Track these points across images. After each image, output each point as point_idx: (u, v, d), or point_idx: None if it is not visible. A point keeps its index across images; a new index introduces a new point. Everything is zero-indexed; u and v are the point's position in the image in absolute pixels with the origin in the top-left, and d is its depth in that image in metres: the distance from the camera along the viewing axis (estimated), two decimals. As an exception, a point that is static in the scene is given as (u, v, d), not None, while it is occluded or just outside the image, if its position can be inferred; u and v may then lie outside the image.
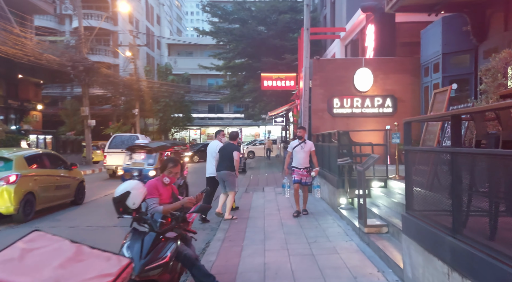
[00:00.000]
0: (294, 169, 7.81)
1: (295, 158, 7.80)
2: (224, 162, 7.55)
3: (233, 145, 7.76)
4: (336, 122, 11.88)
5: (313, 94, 12.01)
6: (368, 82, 11.78)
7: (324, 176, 9.38)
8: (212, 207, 3.70)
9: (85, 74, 23.56)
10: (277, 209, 8.65)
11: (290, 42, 21.03)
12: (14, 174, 7.84)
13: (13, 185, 7.70)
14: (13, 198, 7.62)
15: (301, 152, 7.76)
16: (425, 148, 5.01)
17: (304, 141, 7.81)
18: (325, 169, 9.21)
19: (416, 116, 10.07)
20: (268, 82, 17.63)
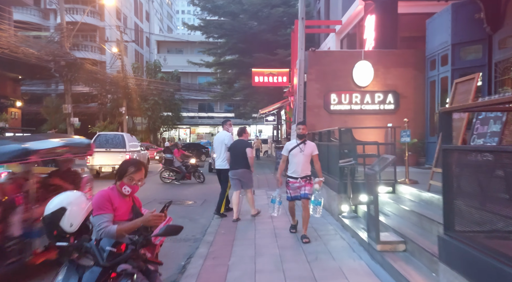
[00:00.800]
0: (289, 180, 5.93)
1: (292, 164, 5.92)
2: (238, 159, 7.31)
3: (244, 142, 7.54)
4: (333, 120, 10.96)
5: (309, 89, 11.07)
6: (368, 76, 10.87)
7: (327, 183, 8.42)
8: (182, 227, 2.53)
9: (68, 70, 22.36)
10: (270, 217, 7.67)
11: (283, 37, 20.10)
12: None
13: None
14: None
15: (300, 156, 5.87)
16: (483, 147, 3.95)
17: (305, 142, 5.92)
18: (324, 172, 8.25)
19: (460, 105, 9.17)
20: (260, 78, 16.67)
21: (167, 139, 44.15)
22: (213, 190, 12.59)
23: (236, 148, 7.37)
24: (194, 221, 8.20)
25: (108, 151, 16.81)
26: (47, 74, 22.44)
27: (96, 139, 17.37)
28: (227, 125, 8.08)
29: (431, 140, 10.02)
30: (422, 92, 10.65)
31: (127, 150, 16.85)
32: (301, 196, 5.86)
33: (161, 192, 12.68)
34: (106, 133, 18.63)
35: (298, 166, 5.89)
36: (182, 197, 11.41)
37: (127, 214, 2.93)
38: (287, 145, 6.11)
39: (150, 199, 11.00)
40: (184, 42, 47.04)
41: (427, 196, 5.49)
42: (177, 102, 41.80)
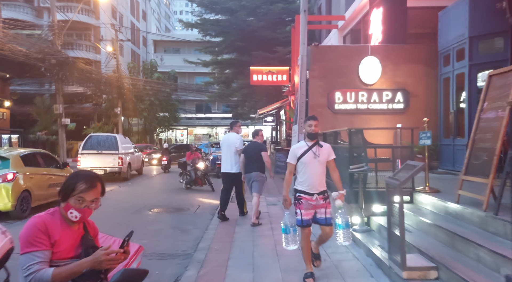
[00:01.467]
0: (301, 196, 4.18)
1: (303, 175, 4.20)
2: (253, 163, 7.09)
3: (260, 144, 7.33)
4: (338, 120, 10.15)
5: (311, 87, 10.27)
6: (376, 73, 10.07)
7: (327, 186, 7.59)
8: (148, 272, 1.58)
9: (59, 68, 21.51)
10: (270, 229, 6.85)
11: (283, 34, 19.31)
12: (12, 172, 8.21)
13: (11, 183, 8.07)
14: (10, 195, 7.99)
15: (315, 165, 4.17)
16: None
17: (318, 143, 4.28)
18: (328, 178, 7.43)
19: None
20: (258, 77, 15.87)
21: (163, 141, 43.34)
22: (208, 196, 11.76)
23: (251, 151, 7.14)
24: (186, 232, 7.38)
25: (100, 153, 16.17)
26: (37, 72, 21.60)
27: (87, 140, 16.79)
28: (236, 126, 7.74)
29: (444, 142, 9.23)
30: (434, 90, 9.85)
31: (119, 152, 16.24)
32: (322, 222, 4.17)
33: (152, 198, 11.85)
34: (98, 135, 18.11)
35: (313, 178, 4.15)
36: (175, 203, 10.58)
37: (73, 249, 2.10)
38: (294, 149, 4.30)
39: (139, 206, 10.17)
40: (182, 41, 46.23)
41: (456, 209, 4.68)
42: (174, 102, 40.97)
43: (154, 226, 7.91)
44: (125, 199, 11.70)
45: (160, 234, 7.21)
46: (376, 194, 5.79)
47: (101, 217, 8.91)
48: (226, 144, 7.58)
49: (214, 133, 47.19)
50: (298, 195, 4.20)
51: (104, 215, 9.01)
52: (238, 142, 7.44)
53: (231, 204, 8.67)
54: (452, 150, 8.70)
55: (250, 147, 7.28)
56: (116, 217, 8.83)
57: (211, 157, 17.78)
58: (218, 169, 17.23)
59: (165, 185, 15.67)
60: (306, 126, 4.28)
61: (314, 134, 4.24)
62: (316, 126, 4.24)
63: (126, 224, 8.08)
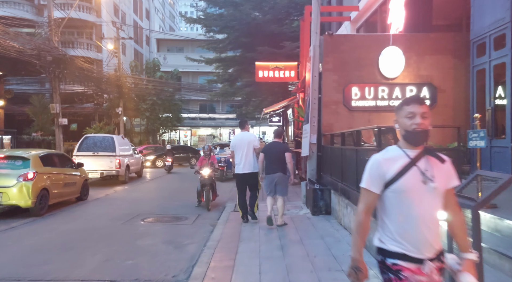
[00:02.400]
0: (400, 267, 1.93)
1: (400, 217, 1.97)
2: (275, 164, 6.87)
3: (282, 145, 7.17)
4: (354, 118, 9.04)
5: (325, 82, 9.15)
6: (398, 65, 8.94)
7: (346, 195, 6.46)
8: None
9: (55, 66, 20.54)
10: (280, 247, 5.73)
11: (290, 29, 18.19)
12: (32, 171, 8.70)
13: (31, 182, 8.55)
14: (31, 193, 8.48)
15: (426, 197, 1.94)
16: None
17: (432, 153, 2.01)
18: (350, 186, 6.30)
19: None
20: (264, 73, 14.76)
21: (166, 142, 42.32)
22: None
23: (273, 151, 6.91)
24: (181, 248, 6.29)
25: (96, 155, 15.22)
26: (32, 70, 20.61)
27: (82, 141, 15.88)
28: (247, 125, 7.73)
29: (478, 144, 8.04)
30: (464, 84, 8.69)
31: (117, 154, 15.36)
32: None
33: (148, 204, 10.76)
34: (94, 135, 17.18)
35: (422, 226, 1.94)
36: (173, 210, 9.48)
37: None
38: (377, 162, 2.03)
39: (132, 214, 9.09)
40: (185, 40, 45.24)
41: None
42: (177, 102, 39.93)
43: (145, 240, 6.81)
44: (119, 206, 10.64)
45: (150, 251, 6.12)
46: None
47: (85, 228, 7.89)
48: (241, 144, 7.24)
49: (218, 134, 46.06)
50: (393, 263, 1.96)
51: (90, 226, 7.99)
52: (256, 141, 7.30)
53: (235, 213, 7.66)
54: (489, 152, 7.53)
55: (271, 147, 7.07)
56: (104, 228, 7.77)
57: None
58: (221, 172, 16.17)
59: (165, 189, 14.61)
60: (403, 117, 2.00)
61: (422, 134, 1.94)
62: (426, 117, 1.95)
63: (113, 237, 7.00)
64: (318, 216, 7.79)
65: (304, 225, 7.07)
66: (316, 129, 9.04)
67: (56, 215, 9.29)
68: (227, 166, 16.32)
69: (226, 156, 16.42)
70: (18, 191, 8.41)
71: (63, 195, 10.16)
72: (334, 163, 7.78)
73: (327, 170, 8.63)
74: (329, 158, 8.28)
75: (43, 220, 8.74)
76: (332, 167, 8.03)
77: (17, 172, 8.60)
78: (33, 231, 7.55)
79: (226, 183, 15.69)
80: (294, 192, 11.19)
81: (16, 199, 8.43)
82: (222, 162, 16.23)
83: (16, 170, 8.66)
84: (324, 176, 8.76)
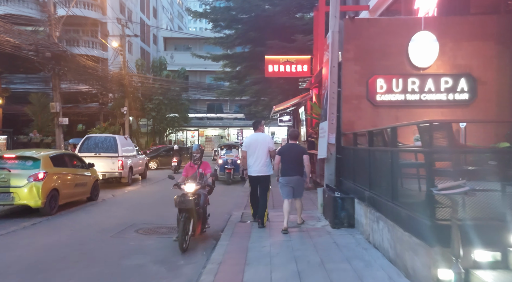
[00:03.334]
0: None
1: None
2: (292, 166, 6.70)
3: (300, 147, 7.06)
4: (379, 115, 7.82)
5: (345, 73, 7.94)
6: (431, 53, 7.69)
7: (377, 206, 5.25)
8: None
9: (55, 63, 19.62)
10: (296, 274, 4.55)
11: (302, 21, 17.00)
12: (42, 172, 8.76)
13: (41, 182, 8.63)
14: (41, 193, 8.56)
15: None
16: None
17: None
18: (382, 195, 5.10)
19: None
20: (274, 67, 13.60)
21: (173, 142, 41.38)
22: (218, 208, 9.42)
23: (291, 153, 6.74)
24: (175, 271, 5.16)
25: (98, 156, 14.53)
26: (30, 67, 19.71)
27: (84, 142, 15.25)
28: (261, 126, 7.49)
29: (530, 145, 6.77)
30: (510, 75, 7.43)
31: (119, 155, 14.69)
32: None
33: (145, 212, 9.66)
34: (96, 136, 16.51)
35: None
36: (172, 219, 8.29)
37: None
38: None
39: (126, 223, 7.99)
40: (192, 39, 44.23)
41: None
42: (184, 102, 38.95)
43: (133, 259, 5.69)
44: (113, 213, 9.58)
45: (136, 275, 5.01)
46: (480, 230, 3.45)
47: (68, 242, 6.73)
48: (255, 145, 7.04)
49: (226, 134, 44.94)
50: None
51: (74, 239, 6.88)
52: (271, 143, 7.17)
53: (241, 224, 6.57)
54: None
55: (289, 149, 6.87)
56: (89, 242, 6.68)
57: (220, 161, 15.59)
58: (228, 175, 15.06)
59: (167, 193, 13.47)
60: None
61: None
62: None
63: (96, 255, 5.89)
64: (339, 230, 6.60)
65: (324, 242, 5.88)
66: (335, 127, 7.84)
67: (42, 223, 8.25)
68: (235, 169, 15.20)
69: (233, 158, 15.30)
70: (28, 191, 8.50)
71: (74, 196, 10.26)
72: (359, 167, 6.59)
73: (348, 175, 7.43)
74: (352, 161, 7.09)
75: (24, 229, 7.70)
76: (355, 171, 6.83)
77: (27, 172, 8.70)
78: (5, 246, 6.46)
79: (233, 186, 14.57)
80: (309, 199, 10.00)
81: (27, 199, 8.52)
82: (229, 164, 15.12)
83: (26, 170, 8.76)
84: (345, 182, 7.55)
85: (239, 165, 15.33)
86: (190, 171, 6.60)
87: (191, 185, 6.08)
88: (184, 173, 6.67)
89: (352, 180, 7.04)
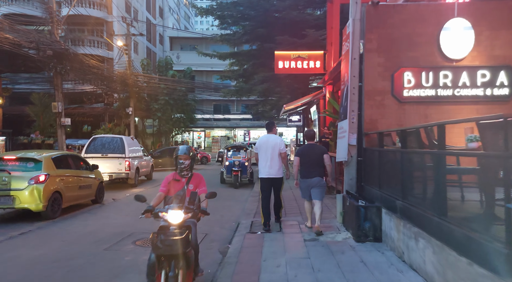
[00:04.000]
0: None
1: None
2: (312, 167, 6.54)
3: (319, 147, 6.86)
4: (406, 112, 6.97)
5: (367, 66, 7.09)
6: (465, 43, 6.82)
7: (415, 220, 4.38)
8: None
9: (57, 61, 18.98)
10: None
11: (313, 16, 16.16)
12: (43, 174, 8.46)
13: (42, 184, 8.32)
14: (42, 196, 8.25)
15: None
16: None
17: None
18: (422, 207, 4.23)
19: None
20: (285, 64, 12.76)
21: (179, 143, 40.72)
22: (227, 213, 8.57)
23: (310, 154, 6.59)
24: None
25: (105, 156, 14.33)
26: (32, 66, 19.07)
27: (90, 143, 15.05)
28: (274, 127, 7.23)
29: None
30: (557, 66, 6.53)
31: (126, 156, 14.54)
32: None
33: (146, 220, 8.81)
34: (103, 136, 16.39)
35: None
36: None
37: None
38: None
39: (123, 233, 7.20)
40: (199, 38, 43.56)
41: None
42: (190, 102, 38.26)
43: (125, 278, 4.89)
44: (112, 220, 8.81)
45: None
46: None
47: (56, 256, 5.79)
48: (266, 147, 6.86)
49: (233, 135, 44.14)
50: None
51: (64, 253, 6.09)
52: (283, 145, 6.98)
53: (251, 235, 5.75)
54: None
55: (308, 149, 6.68)
56: (79, 256, 5.88)
57: (226, 163, 14.77)
58: (235, 178, 14.24)
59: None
60: None
61: None
62: None
63: (84, 273, 5.09)
64: (364, 244, 5.74)
65: (349, 260, 5.02)
66: (356, 126, 7.00)
67: (32, 233, 7.50)
68: (242, 171, 14.38)
69: (240, 160, 14.48)
70: (29, 195, 8.19)
71: (78, 198, 10.00)
72: (387, 171, 5.73)
73: (372, 181, 6.57)
74: (377, 164, 6.23)
75: (10, 240, 6.95)
76: (382, 177, 5.97)
77: (28, 174, 8.38)
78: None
79: (241, 190, 13.74)
80: (324, 205, 9.14)
81: (28, 203, 8.19)
82: (236, 166, 14.30)
83: (27, 172, 8.45)
84: (368, 188, 6.70)
85: (247, 167, 14.64)
86: (174, 187, 4.21)
87: (176, 213, 3.57)
88: (162, 187, 4.24)
89: (377, 186, 6.18)
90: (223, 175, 14.97)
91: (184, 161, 4.16)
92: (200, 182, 4.25)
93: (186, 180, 4.21)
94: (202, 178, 4.30)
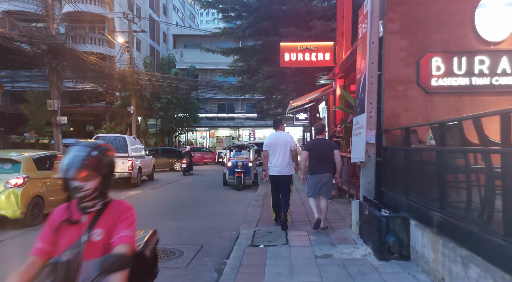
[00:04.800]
0: None
1: None
2: (323, 163, 6.36)
3: (329, 142, 6.96)
4: (434, 105, 5.95)
5: (388, 51, 6.06)
6: (505, 23, 5.78)
7: (461, 239, 3.37)
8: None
9: (52, 57, 18.15)
10: None
11: (320, 7, 15.16)
12: (22, 176, 7.77)
13: (21, 188, 7.61)
14: (20, 202, 7.50)
15: None
16: None
17: None
18: (477, 225, 3.22)
19: None
20: (291, 56, 11.74)
21: (182, 143, 39.88)
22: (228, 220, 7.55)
23: (320, 149, 6.42)
24: None
25: None
26: (26, 62, 18.23)
27: None
28: (282, 124, 7.23)
29: None
30: None
31: (129, 155, 14.46)
32: None
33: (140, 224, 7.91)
34: (105, 135, 16.31)
35: None
36: (167, 236, 6.53)
37: None
38: None
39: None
40: (203, 36, 42.58)
41: None
42: (194, 101, 37.38)
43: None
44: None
45: None
46: None
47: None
48: (276, 144, 6.77)
49: (238, 135, 43.13)
50: None
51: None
52: (293, 142, 6.89)
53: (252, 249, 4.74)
54: None
55: (318, 144, 6.58)
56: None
57: (229, 164, 13.82)
58: (238, 179, 13.28)
59: (170, 199, 11.82)
60: None
61: None
62: None
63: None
64: (389, 263, 4.72)
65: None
66: (375, 122, 5.98)
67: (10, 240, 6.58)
68: (245, 172, 13.40)
69: (244, 160, 13.53)
70: (5, 200, 7.41)
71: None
72: (417, 174, 4.72)
73: (395, 185, 5.55)
74: (401, 165, 5.20)
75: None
76: (409, 181, 4.95)
77: (5, 177, 7.64)
78: None
79: (244, 192, 12.77)
80: (335, 211, 8.14)
81: (4, 209, 7.40)
82: (239, 167, 13.35)
83: (4, 174, 7.73)
84: (390, 194, 5.67)
85: (251, 168, 13.71)
86: (66, 237, 2.04)
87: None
88: (40, 243, 2.07)
89: (402, 192, 5.15)
90: (226, 176, 14.05)
91: (82, 183, 1.93)
92: (121, 220, 2.06)
93: (90, 219, 2.04)
94: (127, 210, 2.14)
